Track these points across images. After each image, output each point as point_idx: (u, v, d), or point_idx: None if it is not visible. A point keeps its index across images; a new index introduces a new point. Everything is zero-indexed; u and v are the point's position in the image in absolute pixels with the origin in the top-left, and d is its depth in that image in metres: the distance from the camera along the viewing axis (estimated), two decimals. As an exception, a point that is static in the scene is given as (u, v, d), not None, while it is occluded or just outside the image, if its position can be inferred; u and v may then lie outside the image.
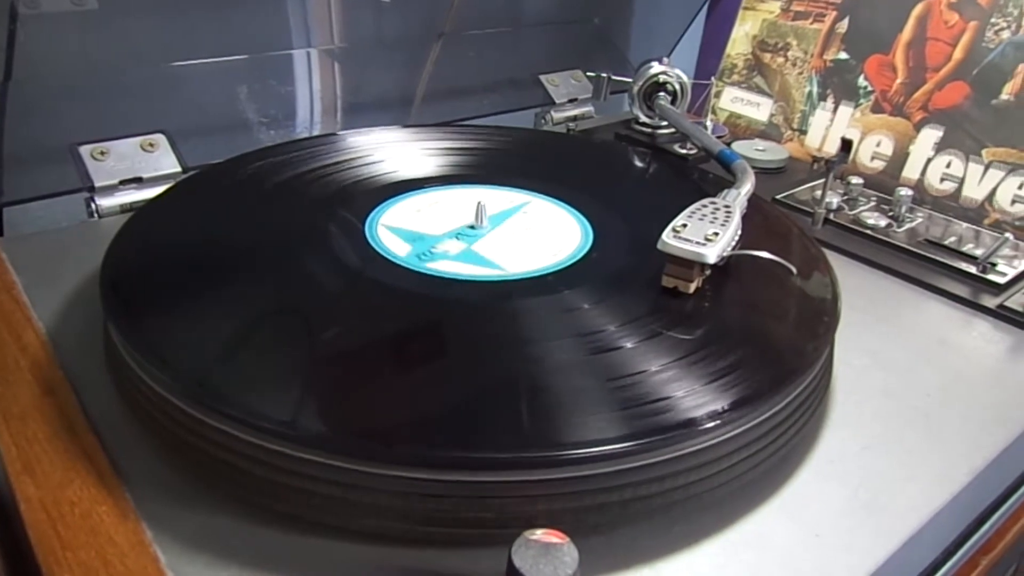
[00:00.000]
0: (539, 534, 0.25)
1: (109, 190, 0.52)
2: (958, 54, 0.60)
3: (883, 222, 0.55)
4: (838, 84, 0.66)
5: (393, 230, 0.43)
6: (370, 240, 0.42)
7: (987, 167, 0.57)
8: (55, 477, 0.32)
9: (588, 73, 0.76)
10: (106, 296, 0.36)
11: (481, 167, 0.53)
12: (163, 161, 0.54)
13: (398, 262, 0.40)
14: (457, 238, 0.43)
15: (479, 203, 0.44)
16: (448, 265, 0.40)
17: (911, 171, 0.61)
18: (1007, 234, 0.50)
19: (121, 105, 0.59)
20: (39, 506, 0.31)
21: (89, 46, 0.57)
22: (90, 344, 0.39)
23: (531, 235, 0.44)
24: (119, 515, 0.30)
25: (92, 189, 0.52)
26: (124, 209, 0.52)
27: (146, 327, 0.34)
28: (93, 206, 0.52)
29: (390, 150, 0.53)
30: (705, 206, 0.41)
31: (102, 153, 0.52)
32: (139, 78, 0.60)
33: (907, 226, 0.55)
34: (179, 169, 0.54)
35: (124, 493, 0.31)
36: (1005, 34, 0.57)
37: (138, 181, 0.53)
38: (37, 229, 0.51)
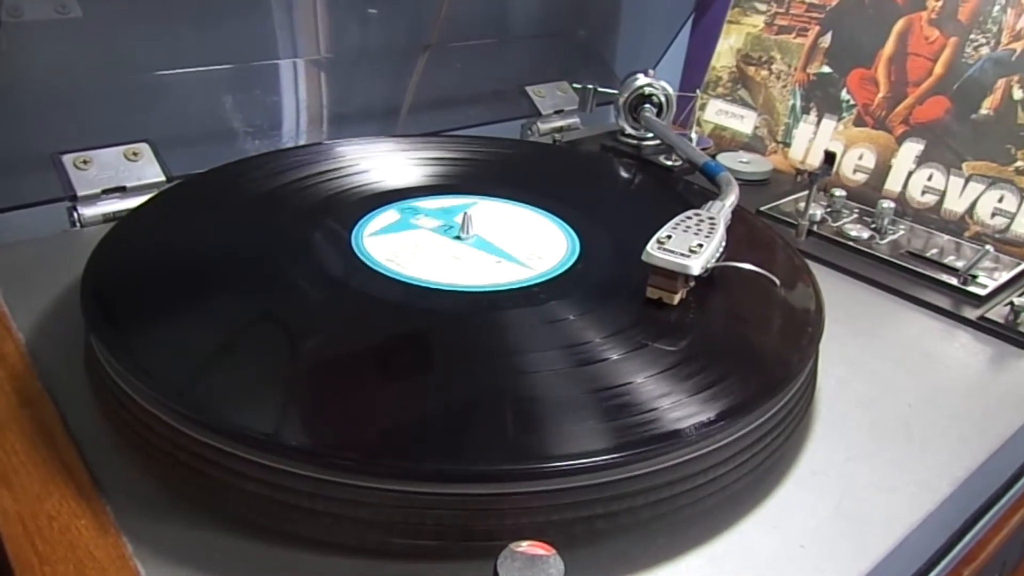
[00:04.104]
0: (525, 546, 0.24)
1: (92, 199, 0.52)
2: (939, 69, 0.60)
3: (866, 234, 0.55)
4: (821, 97, 0.67)
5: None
6: (356, 250, 0.41)
7: (967, 180, 0.58)
8: (33, 490, 0.31)
9: (574, 85, 0.76)
10: (87, 306, 0.36)
11: (467, 178, 0.53)
12: (147, 170, 0.54)
13: (384, 273, 0.40)
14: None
15: (465, 213, 0.44)
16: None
17: (893, 184, 0.62)
18: (987, 246, 0.51)
19: (105, 114, 0.59)
20: (16, 519, 0.30)
21: (73, 54, 0.56)
22: (71, 355, 0.38)
23: (517, 245, 0.44)
24: (99, 529, 0.30)
25: (74, 198, 0.51)
26: (107, 218, 0.52)
27: (127, 338, 0.34)
28: (75, 215, 0.51)
29: (376, 160, 0.53)
30: (690, 218, 0.42)
31: (85, 162, 0.52)
32: (123, 87, 0.60)
33: (889, 238, 0.55)
34: (163, 178, 0.54)
35: (104, 506, 0.31)
36: (984, 50, 0.58)
37: (121, 190, 0.53)
38: (18, 238, 0.51)
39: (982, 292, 0.49)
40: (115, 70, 0.59)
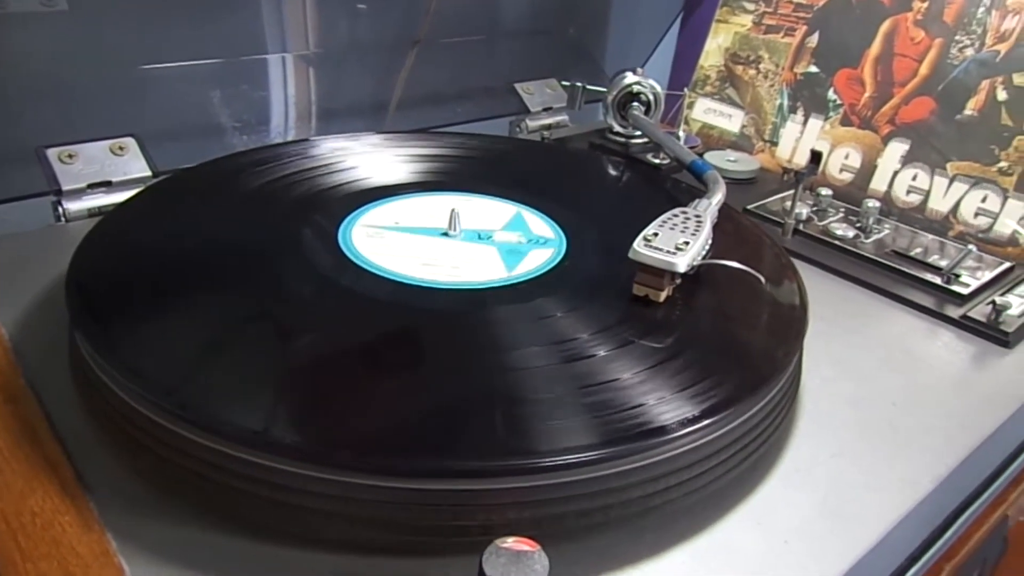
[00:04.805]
0: (510, 542, 0.25)
1: (77, 194, 0.51)
2: (924, 70, 0.61)
3: (851, 233, 0.55)
4: (808, 97, 0.67)
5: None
6: (343, 247, 0.41)
7: (951, 180, 0.59)
8: (17, 487, 0.31)
9: (563, 82, 0.76)
10: (72, 302, 0.35)
11: (456, 174, 0.53)
12: (133, 165, 0.53)
13: (371, 270, 0.39)
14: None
15: (453, 210, 0.44)
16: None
17: (878, 183, 0.62)
18: (970, 246, 0.51)
19: (91, 108, 0.59)
20: (-1, 516, 0.30)
21: (58, 47, 0.56)
22: (55, 351, 0.38)
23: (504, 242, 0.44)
24: (82, 525, 0.30)
25: (59, 193, 0.51)
26: (92, 213, 0.51)
27: (113, 334, 0.33)
28: (60, 210, 0.51)
29: (365, 156, 0.53)
30: (676, 215, 0.42)
31: (70, 156, 0.52)
32: (109, 80, 0.60)
33: (874, 237, 0.56)
34: (149, 173, 0.53)
35: (88, 503, 0.31)
36: (969, 51, 0.59)
37: (107, 185, 0.52)
38: (1, 232, 0.50)
39: (965, 291, 0.50)
40: (101, 64, 0.59)
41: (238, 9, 0.64)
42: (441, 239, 0.43)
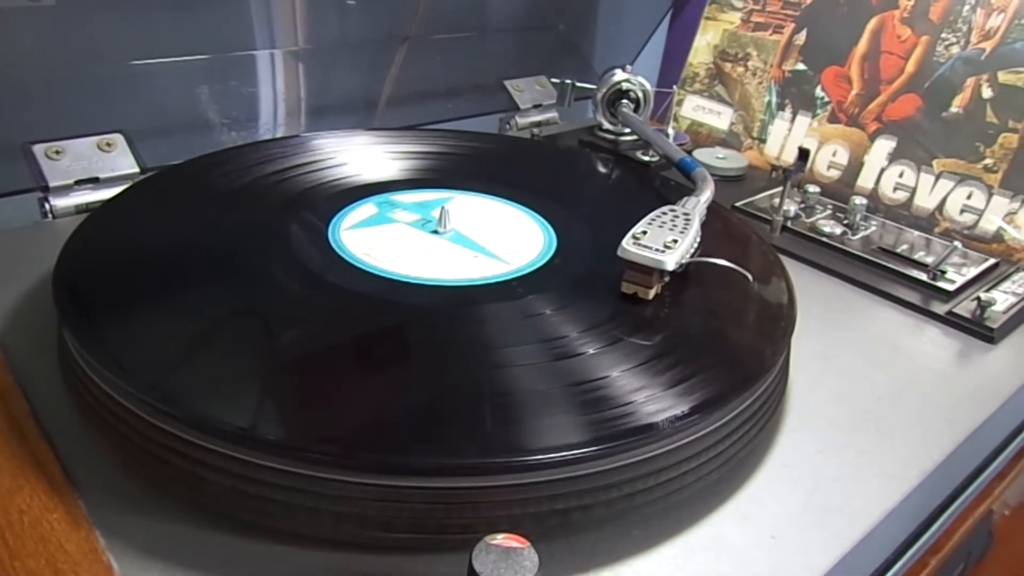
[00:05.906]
0: (500, 539, 0.25)
1: (64, 190, 0.51)
2: (910, 67, 0.61)
3: (838, 230, 0.56)
4: (796, 94, 0.68)
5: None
6: (333, 244, 0.41)
7: (938, 177, 0.59)
8: (3, 484, 0.31)
9: (553, 79, 0.77)
10: (60, 298, 0.35)
11: (445, 172, 0.53)
12: (120, 161, 0.53)
13: (361, 267, 0.39)
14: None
15: (443, 207, 0.44)
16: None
17: (865, 180, 0.63)
18: (956, 243, 0.51)
19: (78, 104, 0.58)
20: (-13, 514, 0.30)
21: (45, 43, 0.56)
22: (42, 348, 0.38)
23: (494, 239, 0.44)
24: (71, 523, 0.30)
25: (46, 189, 0.51)
26: (80, 210, 0.51)
27: (101, 330, 0.33)
28: (47, 206, 0.51)
29: (354, 153, 0.53)
30: (665, 213, 0.42)
31: (57, 152, 0.51)
32: (97, 76, 0.59)
33: (861, 234, 0.56)
34: (137, 170, 0.53)
35: (76, 500, 0.31)
36: (955, 49, 0.59)
37: (94, 181, 0.52)
38: (-12, 229, 0.50)
39: (950, 287, 0.50)
40: (88, 59, 0.58)
41: (227, 4, 0.64)
42: (431, 236, 0.43)
